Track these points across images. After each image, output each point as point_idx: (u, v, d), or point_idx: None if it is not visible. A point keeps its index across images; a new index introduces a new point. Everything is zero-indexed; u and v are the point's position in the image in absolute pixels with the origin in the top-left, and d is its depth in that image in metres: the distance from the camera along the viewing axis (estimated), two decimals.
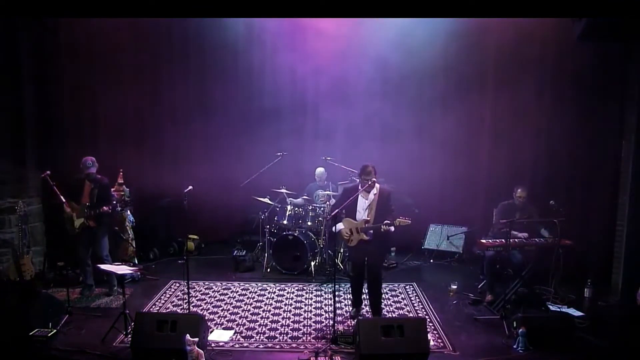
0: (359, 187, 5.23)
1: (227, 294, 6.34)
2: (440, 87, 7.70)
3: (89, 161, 5.90)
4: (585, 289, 6.27)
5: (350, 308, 5.77)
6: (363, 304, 5.76)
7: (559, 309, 5.80)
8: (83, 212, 5.92)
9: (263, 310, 5.82)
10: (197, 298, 6.17)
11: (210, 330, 5.12)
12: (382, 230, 5.09)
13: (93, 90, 7.38)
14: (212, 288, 6.55)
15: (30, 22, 6.86)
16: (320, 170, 7.57)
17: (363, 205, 5.29)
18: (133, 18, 6.83)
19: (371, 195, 5.27)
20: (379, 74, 7.68)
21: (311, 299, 6.20)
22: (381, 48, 7.47)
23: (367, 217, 5.24)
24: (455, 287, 6.35)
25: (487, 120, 7.56)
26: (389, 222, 5.05)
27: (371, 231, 5.22)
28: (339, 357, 4.58)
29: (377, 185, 5.27)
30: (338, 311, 5.62)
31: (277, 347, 4.94)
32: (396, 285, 6.60)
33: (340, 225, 5.41)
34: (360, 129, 7.96)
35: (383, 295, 5.88)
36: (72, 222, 5.99)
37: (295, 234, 6.93)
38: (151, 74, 7.76)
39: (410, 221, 5.07)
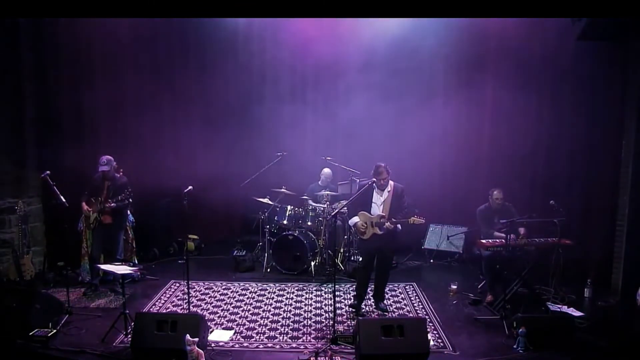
0: (373, 184, 5.46)
1: (227, 294, 6.34)
2: (439, 88, 7.69)
3: (103, 160, 6.00)
4: (585, 289, 6.27)
5: (352, 301, 5.91)
6: (365, 298, 5.82)
7: (559, 309, 5.81)
8: (97, 207, 6.02)
9: (263, 310, 5.82)
10: (197, 298, 6.16)
11: (210, 330, 5.12)
12: (385, 226, 5.36)
13: (93, 90, 7.37)
14: (212, 288, 6.55)
15: (31, 22, 6.86)
16: (327, 171, 7.56)
17: (378, 201, 5.51)
18: (133, 18, 6.83)
19: (385, 192, 5.51)
20: (379, 71, 7.66)
21: (311, 299, 6.21)
22: (381, 43, 7.46)
23: (382, 212, 5.44)
24: (455, 287, 6.36)
25: (487, 121, 7.56)
26: (395, 220, 5.34)
27: (385, 226, 5.41)
28: (339, 357, 4.58)
29: (390, 182, 5.52)
30: (338, 311, 5.62)
31: (277, 347, 4.94)
32: (396, 285, 6.60)
33: (356, 219, 5.59)
34: (360, 129, 7.97)
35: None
36: (88, 218, 6.09)
37: (295, 234, 6.94)
38: (151, 74, 7.75)
39: (423, 220, 5.35)
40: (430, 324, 5.37)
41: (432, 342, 4.82)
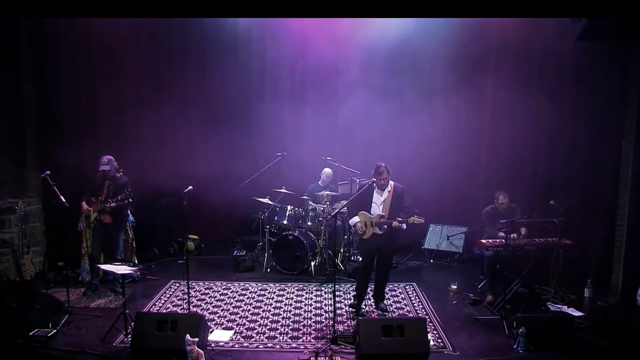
0: (373, 184, 5.46)
1: (227, 294, 6.34)
2: (439, 88, 7.68)
3: (104, 159, 6.03)
4: (585, 289, 6.28)
5: (352, 301, 5.92)
6: (365, 298, 5.83)
7: (559, 309, 5.81)
8: (97, 206, 6.02)
9: (263, 310, 5.82)
10: (197, 298, 6.17)
11: (210, 330, 5.12)
12: (393, 226, 5.36)
13: (93, 90, 7.37)
14: (212, 288, 6.55)
15: (31, 22, 6.86)
16: (329, 171, 7.55)
17: (378, 201, 5.51)
18: (133, 18, 6.83)
19: (385, 192, 5.51)
20: (379, 71, 7.66)
21: (311, 299, 6.20)
22: (381, 43, 7.46)
23: (382, 212, 5.44)
24: (455, 287, 6.36)
25: (487, 121, 7.55)
26: (401, 219, 5.33)
27: (385, 226, 5.43)
28: (339, 357, 4.58)
29: (391, 182, 5.52)
30: (338, 311, 5.62)
31: (277, 347, 4.94)
32: (396, 285, 6.60)
33: (355, 219, 5.60)
34: (359, 128, 7.97)
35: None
36: (88, 218, 6.10)
37: (295, 234, 6.94)
38: (151, 74, 7.76)
39: (423, 220, 5.35)
40: (430, 324, 5.37)
41: (432, 342, 4.82)
